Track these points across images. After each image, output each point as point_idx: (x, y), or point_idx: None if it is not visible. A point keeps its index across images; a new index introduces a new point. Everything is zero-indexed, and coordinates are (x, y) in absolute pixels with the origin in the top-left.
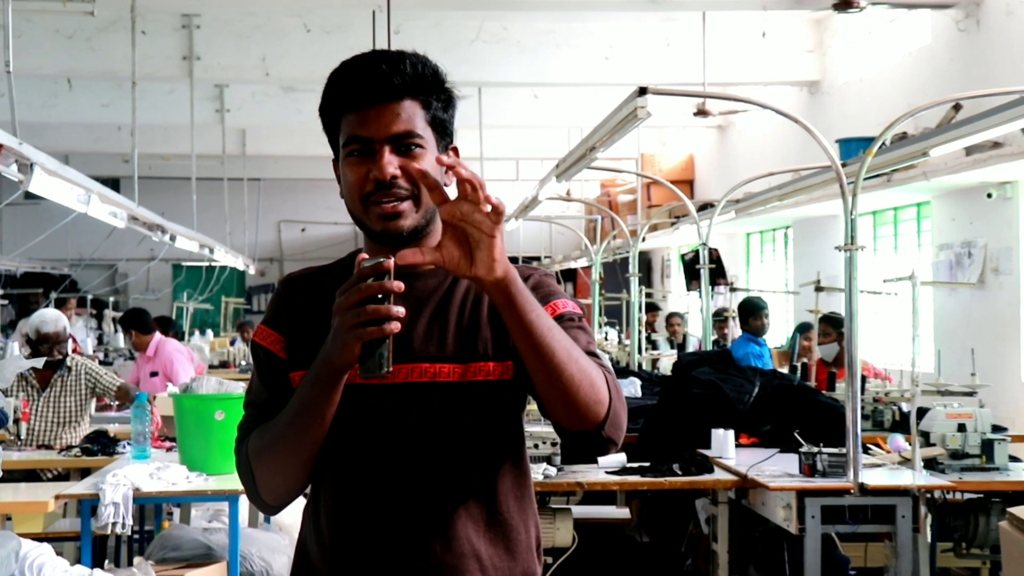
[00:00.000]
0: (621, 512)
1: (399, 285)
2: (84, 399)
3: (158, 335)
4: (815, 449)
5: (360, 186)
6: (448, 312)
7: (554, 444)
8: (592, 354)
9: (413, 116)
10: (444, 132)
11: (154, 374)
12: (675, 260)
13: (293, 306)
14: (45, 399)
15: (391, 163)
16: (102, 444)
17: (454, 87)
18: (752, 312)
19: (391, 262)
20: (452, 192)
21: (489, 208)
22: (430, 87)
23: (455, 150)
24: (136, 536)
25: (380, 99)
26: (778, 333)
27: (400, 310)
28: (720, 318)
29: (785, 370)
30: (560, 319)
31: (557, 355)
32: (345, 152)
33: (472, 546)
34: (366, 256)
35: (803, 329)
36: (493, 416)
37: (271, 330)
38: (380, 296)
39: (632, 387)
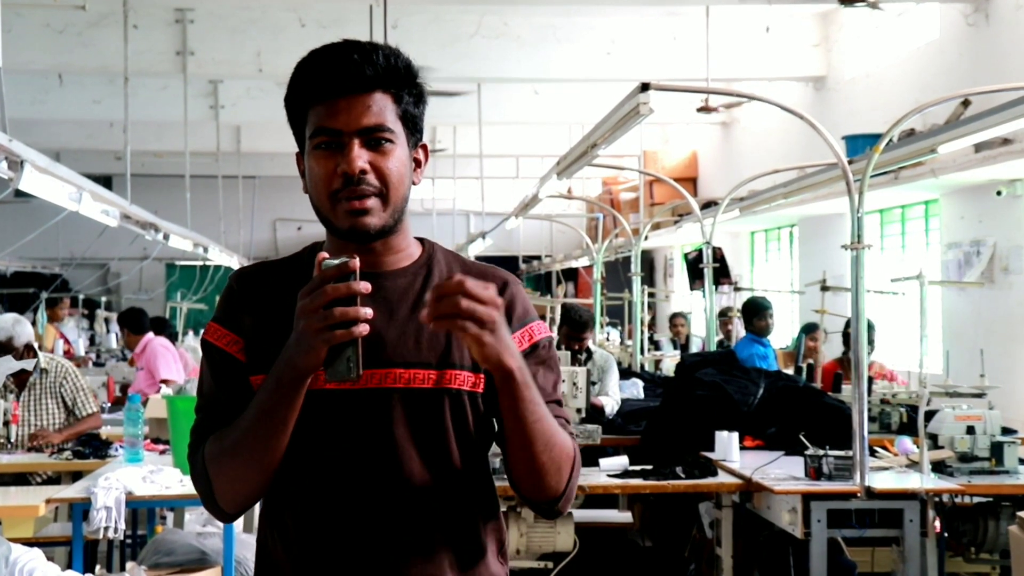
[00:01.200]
0: (623, 516)
1: (366, 286)
2: (68, 402)
3: (149, 335)
4: (821, 452)
5: (327, 181)
6: (422, 315)
7: None
8: (557, 402)
9: (384, 109)
10: (415, 128)
11: (140, 369)
12: (678, 259)
13: (249, 304)
14: (24, 403)
15: (360, 157)
16: (94, 447)
17: (426, 82)
18: (757, 312)
19: (356, 262)
20: (418, 191)
21: (470, 323)
22: (402, 80)
23: (424, 147)
24: (129, 541)
25: (350, 90)
26: (783, 333)
27: (368, 312)
28: (724, 318)
29: (790, 371)
30: (535, 347)
31: (536, 445)
32: (312, 144)
33: (439, 556)
34: (326, 255)
35: (809, 330)
36: (465, 425)
37: (226, 329)
38: (347, 298)
39: (634, 388)
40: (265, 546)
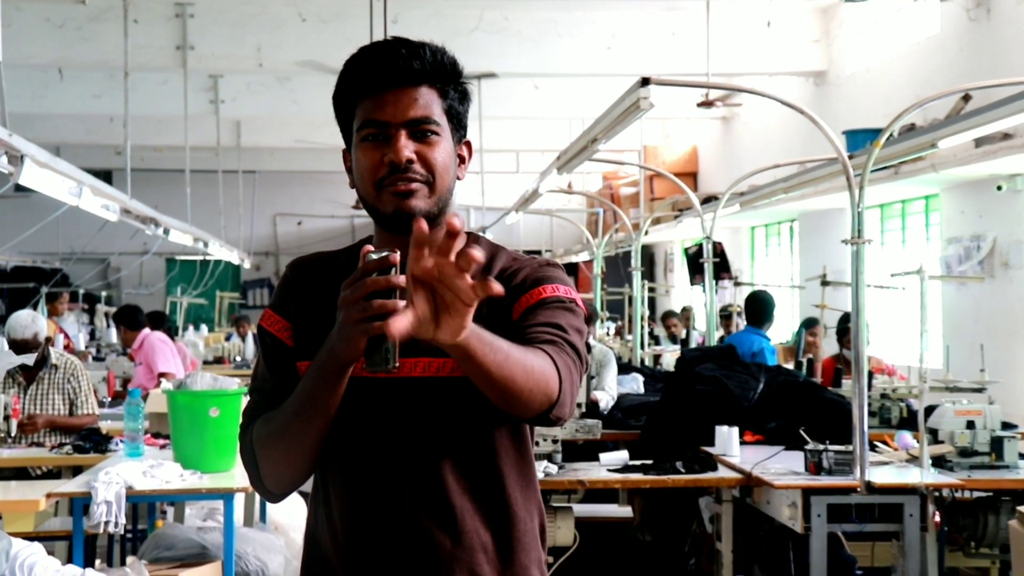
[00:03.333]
0: (623, 511)
1: (404, 279)
2: (72, 398)
3: (146, 330)
4: (821, 446)
5: (374, 170)
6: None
7: (555, 441)
8: (560, 327)
9: (431, 103)
10: (459, 124)
11: (139, 364)
12: (678, 254)
13: (301, 292)
14: (31, 396)
15: (407, 147)
16: (94, 441)
17: (469, 81)
18: (764, 307)
19: (397, 256)
20: (459, 189)
21: (473, 282)
22: (448, 76)
23: (468, 144)
24: (129, 535)
25: (398, 83)
26: (783, 328)
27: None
28: (725, 314)
29: (790, 366)
30: (545, 301)
31: (516, 383)
32: (359, 137)
33: (480, 538)
34: (371, 248)
35: (808, 325)
36: (498, 410)
37: (278, 316)
38: (386, 291)
39: (634, 383)
40: (313, 527)
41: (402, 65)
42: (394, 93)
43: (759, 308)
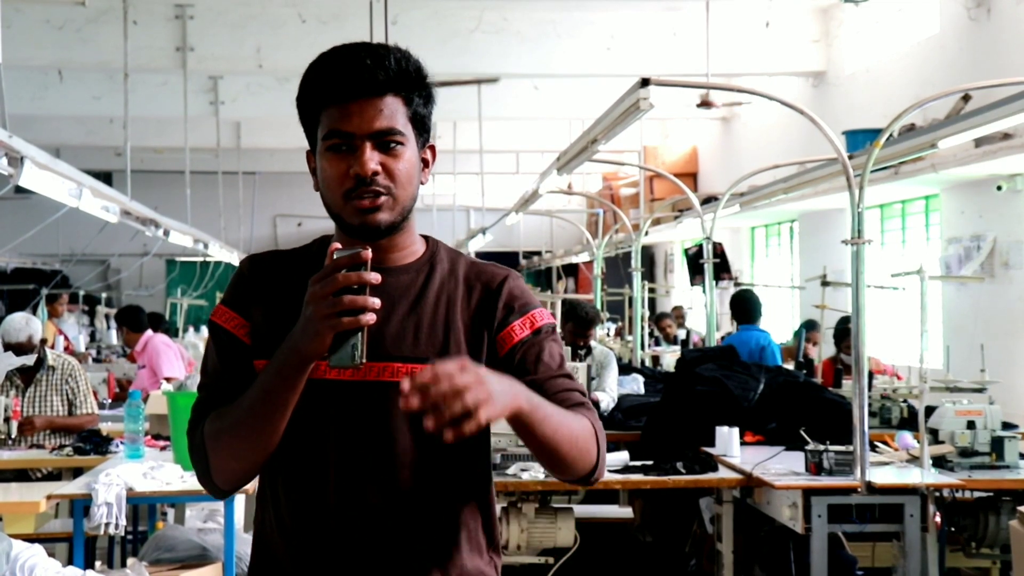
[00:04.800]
0: (624, 511)
1: (376, 277)
2: (71, 398)
3: (149, 332)
4: (821, 447)
5: (340, 181)
6: (422, 311)
7: None
8: (566, 376)
9: (395, 112)
10: (423, 128)
11: (142, 367)
12: (678, 254)
13: (258, 289)
14: (29, 398)
15: (372, 159)
16: (95, 443)
17: (434, 83)
18: (753, 304)
19: (368, 253)
20: (424, 188)
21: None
22: (413, 83)
23: (432, 148)
24: (129, 537)
25: (363, 94)
26: (784, 329)
27: (376, 302)
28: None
29: (790, 366)
30: (538, 332)
31: (560, 451)
32: (324, 146)
33: (431, 546)
34: (339, 245)
35: (809, 327)
36: None
37: (233, 312)
38: (356, 287)
39: (635, 384)
40: (262, 526)
41: (367, 75)
42: (359, 104)
43: (746, 306)
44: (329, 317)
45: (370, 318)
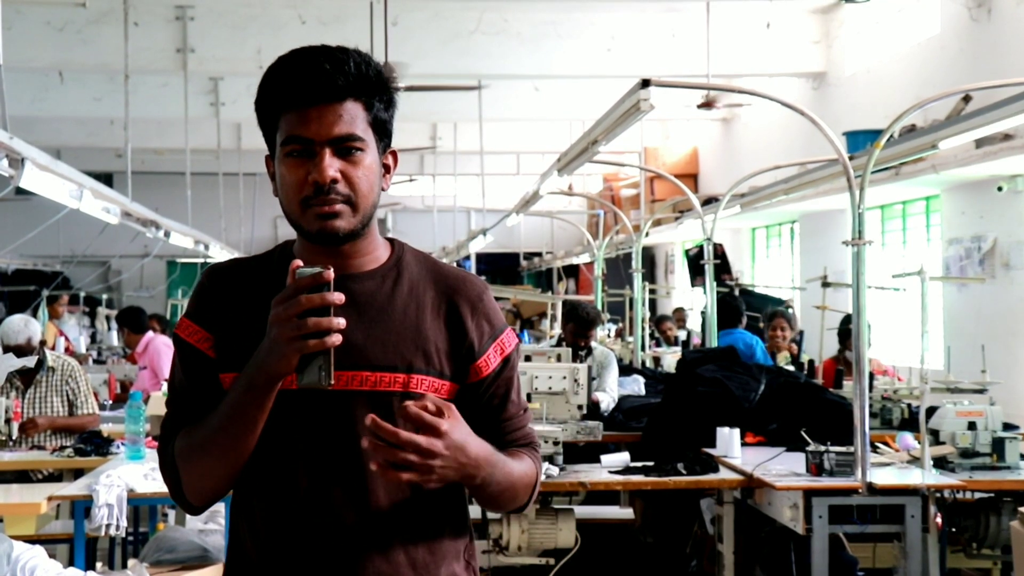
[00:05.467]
0: (625, 512)
1: (340, 297)
2: (71, 399)
3: (150, 333)
4: (822, 448)
5: (299, 188)
6: (390, 319)
7: (556, 443)
8: (524, 410)
9: (355, 118)
10: (384, 133)
11: (143, 368)
12: (679, 255)
13: (221, 301)
14: (29, 400)
15: (331, 166)
16: (95, 444)
17: (396, 86)
18: (734, 310)
19: (331, 273)
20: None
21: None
22: (373, 88)
23: (393, 154)
24: (130, 538)
25: (322, 99)
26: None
27: (341, 322)
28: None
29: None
30: (507, 362)
31: (501, 502)
32: (283, 152)
33: (407, 556)
34: (300, 263)
35: (771, 318)
36: None
37: (197, 325)
38: (320, 308)
39: (635, 385)
40: (237, 535)
41: (326, 80)
42: (318, 109)
43: (728, 310)
44: (294, 340)
45: (335, 339)
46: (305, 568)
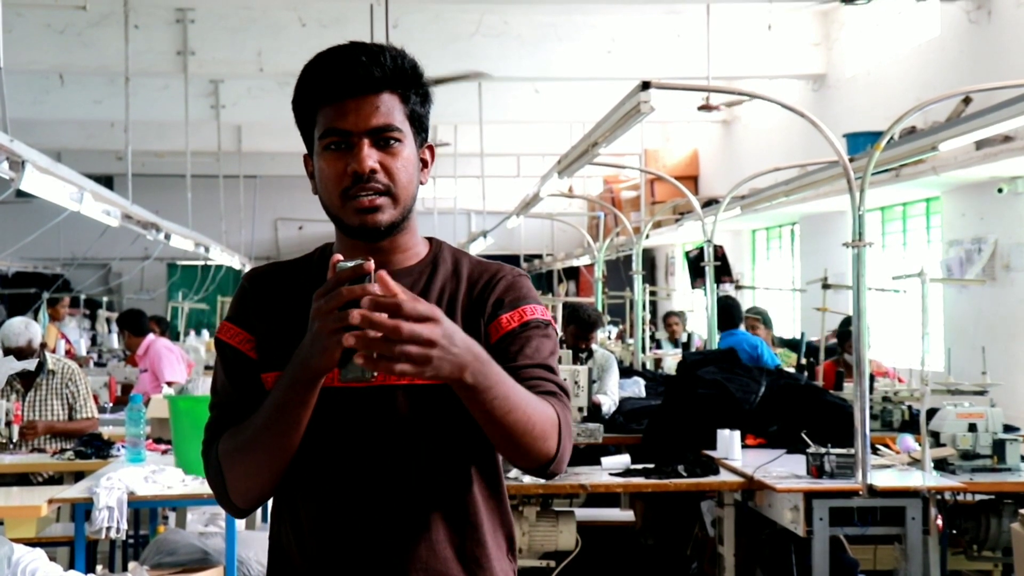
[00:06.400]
0: (625, 514)
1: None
2: (71, 402)
3: (150, 336)
4: (823, 450)
5: (338, 180)
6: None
7: None
8: (547, 367)
9: (392, 109)
10: (421, 127)
11: (143, 371)
12: (679, 257)
13: (261, 303)
14: (29, 403)
15: (370, 156)
16: (96, 447)
17: (431, 83)
18: (732, 311)
19: (371, 264)
20: (420, 190)
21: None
22: (409, 81)
23: (431, 148)
24: (131, 541)
25: (359, 91)
26: (784, 329)
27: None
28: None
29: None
30: (527, 326)
31: (515, 434)
32: (321, 145)
33: (452, 549)
34: (340, 257)
35: (752, 312)
36: (469, 419)
37: (238, 328)
38: (361, 300)
39: (636, 387)
40: (278, 540)
41: (363, 72)
42: (356, 101)
43: (728, 312)
44: (336, 332)
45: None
46: (353, 565)
